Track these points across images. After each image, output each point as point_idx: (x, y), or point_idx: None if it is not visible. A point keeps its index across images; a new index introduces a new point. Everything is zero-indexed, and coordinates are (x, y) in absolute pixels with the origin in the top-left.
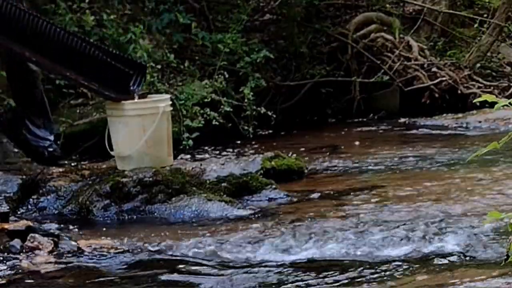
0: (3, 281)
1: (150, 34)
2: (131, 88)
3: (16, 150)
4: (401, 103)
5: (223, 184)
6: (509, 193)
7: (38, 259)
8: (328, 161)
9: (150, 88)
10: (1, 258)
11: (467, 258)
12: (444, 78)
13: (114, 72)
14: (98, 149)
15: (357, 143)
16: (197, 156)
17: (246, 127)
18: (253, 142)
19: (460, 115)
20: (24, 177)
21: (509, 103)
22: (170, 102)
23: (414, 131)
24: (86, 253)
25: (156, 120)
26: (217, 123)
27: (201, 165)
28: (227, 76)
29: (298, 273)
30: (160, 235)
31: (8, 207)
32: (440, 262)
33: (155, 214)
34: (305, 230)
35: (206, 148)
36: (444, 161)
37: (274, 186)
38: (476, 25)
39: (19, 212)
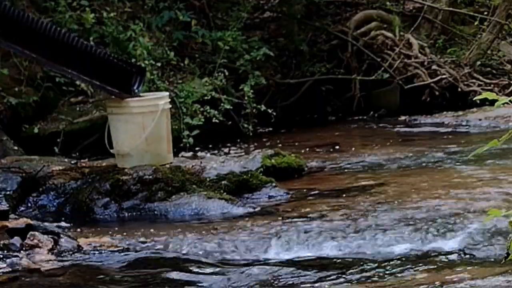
0: (3, 279)
1: (150, 32)
2: (132, 88)
3: (16, 147)
4: (401, 101)
5: (223, 182)
6: (509, 191)
7: (38, 257)
8: (328, 159)
9: (150, 86)
10: (1, 256)
11: (468, 256)
12: (444, 76)
13: (116, 70)
14: (98, 147)
15: (357, 141)
16: (197, 153)
17: (246, 125)
18: (253, 140)
19: (460, 113)
20: (24, 175)
21: (510, 101)
22: (169, 100)
23: (414, 129)
24: (86, 251)
25: (156, 118)
26: (217, 120)
27: (201, 163)
28: (227, 74)
29: (298, 271)
30: (160, 233)
31: (7, 205)
32: (440, 260)
33: (155, 212)
34: (305, 228)
35: (206, 145)
36: (444, 159)
37: (274, 184)
38: (476, 23)
39: (19, 210)
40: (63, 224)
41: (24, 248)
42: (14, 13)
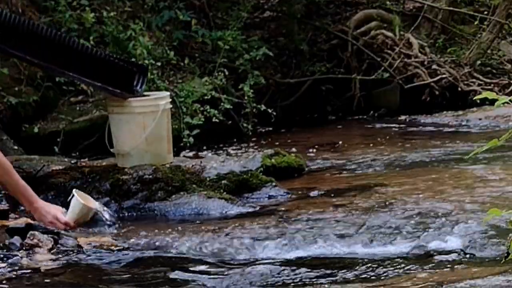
0: (3, 278)
1: (150, 31)
2: (135, 88)
3: (16, 147)
4: (401, 100)
5: (223, 182)
6: (509, 190)
7: (38, 257)
8: (328, 159)
9: (150, 86)
10: (1, 256)
11: (467, 255)
12: (444, 76)
13: (117, 70)
14: (98, 146)
15: (357, 140)
16: (197, 153)
17: (246, 125)
18: (253, 140)
19: (460, 112)
20: (24, 174)
21: (510, 100)
22: (170, 100)
23: (414, 129)
24: (85, 251)
25: (157, 118)
26: (217, 120)
27: (201, 162)
28: (227, 73)
29: (298, 271)
30: (160, 232)
31: (7, 205)
32: (440, 260)
33: (155, 211)
34: (305, 228)
35: (206, 145)
36: (444, 158)
37: (274, 184)
38: (476, 23)
39: (19, 210)
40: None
41: (24, 248)
42: (14, 19)
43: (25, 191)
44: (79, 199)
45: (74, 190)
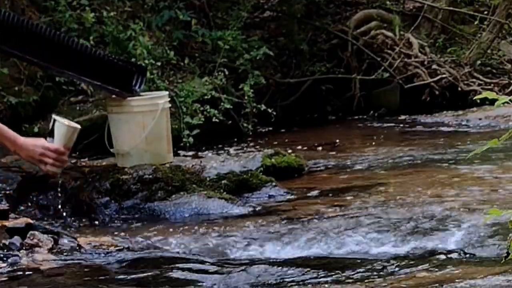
0: (3, 278)
1: (150, 31)
2: (134, 87)
3: None
4: (401, 100)
5: (223, 182)
6: (509, 190)
7: (38, 257)
8: (328, 159)
9: (150, 85)
10: (1, 255)
11: (467, 255)
12: (444, 76)
13: (117, 70)
14: (98, 146)
15: (357, 140)
16: (197, 153)
17: (246, 125)
18: (253, 140)
19: (460, 112)
20: (24, 174)
21: (510, 100)
22: (169, 99)
23: (414, 128)
24: (86, 251)
25: (156, 117)
26: (217, 120)
27: (201, 162)
28: (227, 73)
29: (298, 270)
30: (160, 232)
31: (7, 204)
32: (440, 259)
33: (155, 211)
34: (305, 228)
35: (206, 145)
36: (444, 158)
37: (274, 184)
38: (476, 22)
39: (19, 210)
40: (63, 223)
41: (24, 248)
42: (13, 18)
43: (7, 134)
44: (63, 121)
45: (53, 115)
